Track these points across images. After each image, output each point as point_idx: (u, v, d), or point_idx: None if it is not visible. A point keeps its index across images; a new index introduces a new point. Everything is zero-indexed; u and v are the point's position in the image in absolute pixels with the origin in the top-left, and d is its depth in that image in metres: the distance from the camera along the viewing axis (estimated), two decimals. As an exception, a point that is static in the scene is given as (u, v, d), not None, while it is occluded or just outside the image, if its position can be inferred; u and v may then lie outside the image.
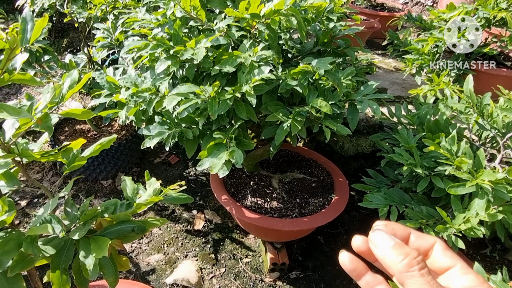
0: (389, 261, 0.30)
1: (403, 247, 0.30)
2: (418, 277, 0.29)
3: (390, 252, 0.30)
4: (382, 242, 0.31)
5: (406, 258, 0.29)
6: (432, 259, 0.33)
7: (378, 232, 0.32)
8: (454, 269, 0.31)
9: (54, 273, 0.66)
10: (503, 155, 1.21)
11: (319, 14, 1.23)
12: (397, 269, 0.30)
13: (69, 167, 0.72)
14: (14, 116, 0.55)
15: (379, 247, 0.31)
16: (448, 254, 0.32)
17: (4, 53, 0.53)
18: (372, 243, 0.32)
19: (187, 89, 1.01)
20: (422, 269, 0.29)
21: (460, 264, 0.31)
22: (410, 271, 0.29)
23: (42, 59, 1.77)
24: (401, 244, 0.31)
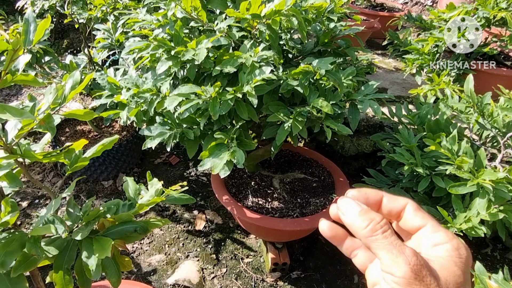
0: (355, 227, 0.32)
1: (368, 213, 0.32)
2: (381, 239, 0.30)
3: (356, 219, 0.31)
4: (349, 209, 0.33)
5: (371, 223, 0.31)
6: (404, 220, 0.34)
7: (346, 200, 0.33)
8: (425, 228, 0.32)
9: (57, 273, 0.66)
10: (503, 154, 1.22)
11: (319, 14, 1.23)
12: (363, 234, 0.31)
13: (71, 167, 0.72)
14: (17, 117, 0.56)
15: (346, 214, 0.33)
16: (419, 214, 0.33)
17: (5, 54, 0.53)
18: (340, 210, 0.33)
19: (188, 89, 1.01)
20: (385, 231, 0.30)
21: (430, 223, 0.32)
22: (374, 235, 0.30)
23: (43, 60, 1.77)
24: (366, 210, 0.32)
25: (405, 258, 0.28)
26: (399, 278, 0.28)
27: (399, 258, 0.28)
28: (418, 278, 0.28)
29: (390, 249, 0.29)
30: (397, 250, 0.29)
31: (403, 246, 0.29)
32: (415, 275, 0.28)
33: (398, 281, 0.28)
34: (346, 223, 0.33)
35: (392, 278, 0.29)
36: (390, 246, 0.29)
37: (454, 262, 0.30)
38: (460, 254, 0.30)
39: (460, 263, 0.30)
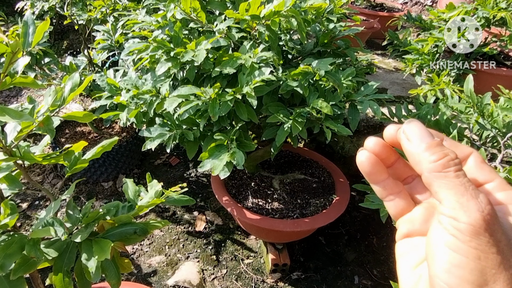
0: (421, 157, 0.26)
1: (441, 146, 0.26)
2: (452, 177, 0.25)
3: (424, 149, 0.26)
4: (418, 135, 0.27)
5: (443, 158, 0.25)
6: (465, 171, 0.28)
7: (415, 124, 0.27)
8: (491, 183, 0.27)
9: (57, 275, 0.66)
10: (503, 154, 1.21)
11: (319, 15, 1.23)
12: (428, 168, 0.25)
13: (71, 169, 0.72)
14: (16, 119, 0.56)
15: (413, 141, 0.27)
16: (486, 167, 0.28)
17: (5, 56, 0.53)
18: (405, 133, 0.27)
19: (188, 90, 1.01)
20: (458, 170, 0.25)
21: (499, 180, 0.27)
22: (444, 171, 0.25)
23: (43, 61, 1.77)
24: (439, 142, 0.26)
25: (478, 204, 0.23)
26: (466, 225, 0.23)
27: (471, 202, 0.23)
28: (489, 231, 0.23)
29: (461, 190, 0.24)
30: (470, 194, 0.24)
31: (477, 191, 0.24)
32: (486, 225, 0.23)
33: (463, 228, 0.23)
34: (409, 151, 0.27)
35: (455, 224, 0.24)
36: (461, 187, 0.24)
37: None
38: None
39: None
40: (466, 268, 0.23)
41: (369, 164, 0.29)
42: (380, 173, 0.30)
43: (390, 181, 0.30)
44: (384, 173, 0.30)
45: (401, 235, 0.31)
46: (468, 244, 0.23)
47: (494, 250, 0.23)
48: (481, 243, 0.23)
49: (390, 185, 0.30)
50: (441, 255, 0.24)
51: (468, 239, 0.23)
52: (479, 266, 0.23)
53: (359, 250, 1.62)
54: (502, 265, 0.23)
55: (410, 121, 0.28)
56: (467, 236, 0.23)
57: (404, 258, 0.30)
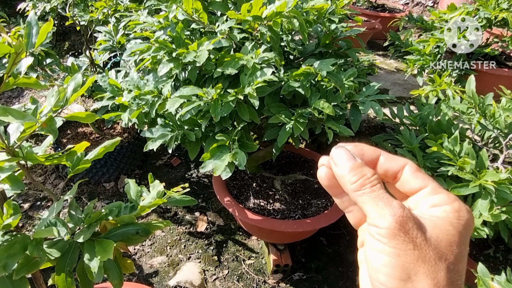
0: (344, 180, 0.30)
1: (360, 167, 0.30)
2: (368, 193, 0.28)
3: (346, 172, 0.30)
4: (342, 160, 0.30)
5: (361, 178, 0.29)
6: (402, 181, 0.31)
7: (341, 150, 0.31)
8: (425, 189, 0.30)
9: (59, 276, 0.66)
10: (506, 155, 1.21)
11: (320, 15, 1.23)
12: (350, 189, 0.29)
13: (74, 170, 0.72)
14: (19, 119, 0.56)
15: (338, 165, 0.30)
16: (419, 175, 0.30)
17: (7, 57, 0.53)
18: (332, 159, 0.31)
19: (189, 91, 1.01)
20: (374, 186, 0.28)
21: (432, 185, 0.30)
22: (361, 189, 0.29)
23: (44, 62, 1.77)
24: (359, 164, 0.30)
25: (391, 210, 0.27)
26: (383, 229, 0.26)
27: (385, 210, 0.27)
28: (403, 230, 0.26)
29: (376, 201, 0.28)
30: (383, 202, 0.27)
31: (391, 199, 0.28)
32: (399, 226, 0.26)
33: (382, 233, 0.27)
34: (336, 175, 0.31)
35: (376, 230, 0.27)
36: (376, 199, 0.28)
37: (450, 222, 0.28)
38: (460, 216, 0.28)
39: (458, 224, 0.28)
40: (390, 265, 0.26)
41: (326, 179, 0.33)
42: (337, 187, 0.33)
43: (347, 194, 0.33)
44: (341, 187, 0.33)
45: (360, 243, 0.34)
46: (388, 245, 0.26)
47: (410, 246, 0.26)
48: (398, 242, 0.26)
49: (347, 198, 0.33)
50: (372, 258, 0.28)
51: (388, 240, 0.26)
52: (400, 262, 0.26)
53: (361, 251, 1.61)
54: (420, 259, 0.26)
55: (337, 146, 0.31)
56: (386, 238, 0.26)
57: (363, 264, 0.32)
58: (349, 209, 0.34)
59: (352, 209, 0.34)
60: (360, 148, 0.32)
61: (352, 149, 0.31)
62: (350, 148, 0.32)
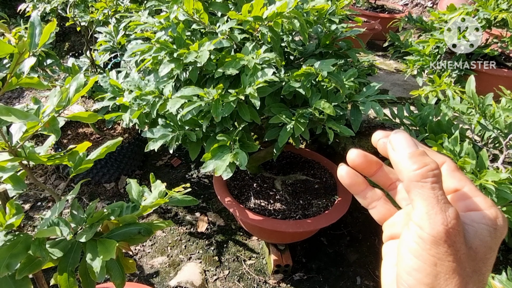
0: (402, 166, 0.28)
1: (423, 155, 0.28)
2: (428, 189, 0.26)
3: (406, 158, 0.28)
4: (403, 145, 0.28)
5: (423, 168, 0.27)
6: None
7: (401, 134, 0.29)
8: (462, 191, 0.29)
9: (62, 275, 0.66)
10: (506, 155, 1.22)
11: (321, 16, 1.23)
12: (408, 176, 0.27)
13: (76, 170, 0.72)
14: (22, 119, 0.56)
15: (397, 150, 0.28)
16: (457, 175, 0.29)
17: (7, 57, 0.53)
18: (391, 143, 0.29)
19: (191, 91, 1.02)
20: (436, 183, 0.26)
21: (469, 186, 0.29)
22: (422, 182, 0.26)
23: (45, 63, 1.77)
24: (422, 152, 0.28)
25: (444, 219, 0.25)
26: (428, 235, 0.25)
27: (438, 216, 0.25)
28: (449, 242, 0.25)
29: (432, 203, 0.26)
30: (439, 207, 0.25)
31: (448, 205, 0.26)
32: (446, 237, 0.25)
33: (425, 237, 0.25)
34: (394, 160, 0.29)
35: (419, 233, 0.26)
36: (434, 199, 0.26)
37: (489, 231, 0.26)
38: (497, 225, 0.27)
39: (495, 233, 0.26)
40: (423, 272, 0.26)
41: (348, 178, 0.33)
42: (359, 185, 0.33)
43: (369, 191, 0.33)
44: (362, 184, 0.33)
45: (386, 237, 0.33)
46: (427, 252, 0.25)
47: (450, 258, 0.25)
48: (439, 252, 0.25)
49: (370, 194, 0.33)
50: (405, 258, 0.27)
51: (428, 247, 0.25)
52: (434, 272, 0.25)
53: (361, 251, 1.62)
54: (456, 272, 0.25)
55: (397, 131, 0.30)
56: (427, 245, 0.25)
57: (387, 257, 0.32)
58: (372, 205, 0.34)
59: (375, 205, 0.33)
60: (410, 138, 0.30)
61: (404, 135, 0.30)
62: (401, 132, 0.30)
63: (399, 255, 0.28)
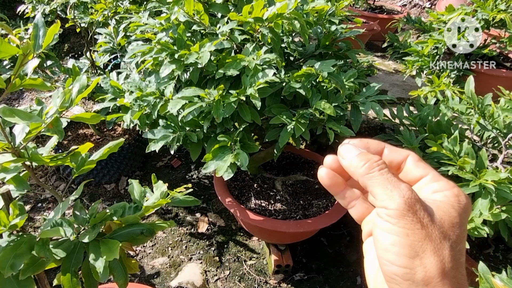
0: (353, 167, 0.32)
1: (366, 154, 0.32)
2: (377, 176, 0.30)
3: (354, 160, 0.32)
4: (349, 152, 0.33)
5: (368, 162, 0.31)
6: (404, 172, 0.33)
7: (346, 146, 0.33)
8: (427, 177, 0.32)
9: (65, 276, 0.66)
10: (505, 155, 1.22)
11: (321, 17, 1.24)
12: (359, 173, 0.31)
13: (78, 170, 0.73)
14: (26, 120, 0.56)
15: (345, 158, 0.33)
16: (421, 165, 0.33)
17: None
18: (340, 155, 0.33)
19: (192, 92, 1.02)
20: (382, 169, 0.30)
21: (432, 173, 0.32)
22: (370, 172, 0.30)
23: (45, 64, 1.77)
24: (365, 152, 0.32)
25: (400, 192, 0.28)
26: (393, 210, 0.28)
27: (394, 192, 0.29)
28: (411, 211, 0.28)
29: (385, 184, 0.29)
30: (392, 185, 0.29)
31: (399, 182, 0.29)
32: (408, 207, 0.28)
33: (391, 213, 0.28)
34: (345, 166, 0.33)
35: (385, 212, 0.29)
36: (385, 181, 0.29)
37: (452, 205, 0.30)
38: (459, 201, 0.30)
39: (458, 207, 0.30)
40: (399, 244, 0.28)
41: (327, 179, 0.35)
42: (338, 185, 0.35)
43: (348, 191, 0.36)
44: (341, 185, 0.35)
45: (365, 235, 0.36)
46: (397, 225, 0.28)
47: (418, 226, 0.28)
48: (406, 222, 0.28)
49: (349, 194, 0.36)
50: (381, 238, 0.29)
51: (397, 221, 0.28)
52: (408, 241, 0.28)
53: (361, 251, 1.61)
54: (427, 238, 0.28)
55: (343, 144, 0.34)
56: (395, 219, 0.28)
57: (368, 253, 0.35)
58: (351, 204, 0.36)
59: (354, 204, 0.36)
60: (366, 142, 0.34)
61: (358, 143, 0.34)
62: (356, 142, 0.34)
63: (375, 240, 0.30)
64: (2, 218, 0.60)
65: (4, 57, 0.49)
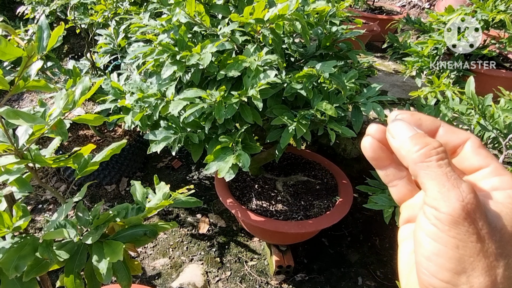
0: (404, 150, 0.26)
1: (423, 137, 0.26)
2: (434, 167, 0.24)
3: (407, 142, 0.26)
4: (401, 132, 0.27)
5: (424, 147, 0.25)
6: (460, 157, 0.28)
7: (399, 122, 0.28)
8: (486, 169, 0.27)
9: (68, 277, 0.66)
10: (505, 155, 1.23)
11: (321, 18, 1.24)
12: (412, 159, 0.26)
13: (81, 172, 0.73)
14: (30, 122, 0.56)
15: (396, 137, 0.27)
16: (482, 152, 0.27)
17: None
18: (389, 132, 0.28)
19: (193, 93, 1.02)
20: (441, 160, 0.25)
21: (494, 165, 0.26)
22: (426, 161, 0.25)
23: (45, 65, 1.77)
24: (422, 134, 0.27)
25: (459, 194, 0.23)
26: (445, 215, 0.23)
27: (451, 192, 0.23)
28: (469, 220, 0.23)
29: (442, 180, 0.24)
30: (451, 184, 0.23)
31: (460, 181, 0.24)
32: (465, 214, 0.23)
33: (442, 218, 0.23)
34: (395, 147, 0.27)
35: (435, 214, 0.24)
36: (443, 177, 0.24)
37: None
38: None
39: None
40: (445, 256, 0.23)
41: (371, 150, 0.30)
42: (382, 159, 0.30)
43: (393, 167, 0.30)
44: (387, 160, 0.30)
45: (403, 220, 0.31)
46: (447, 234, 0.23)
47: (473, 238, 0.23)
48: (459, 232, 0.23)
49: (393, 172, 0.30)
50: (423, 244, 0.25)
51: (447, 228, 0.23)
52: (457, 255, 0.23)
53: (362, 252, 1.62)
54: (481, 253, 0.23)
55: (394, 119, 0.28)
56: (446, 226, 0.23)
57: (404, 244, 0.30)
58: (393, 183, 0.31)
59: (396, 183, 0.31)
60: (418, 118, 0.29)
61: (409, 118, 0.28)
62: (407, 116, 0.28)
63: (416, 241, 0.25)
64: (6, 220, 0.60)
65: (9, 59, 0.49)
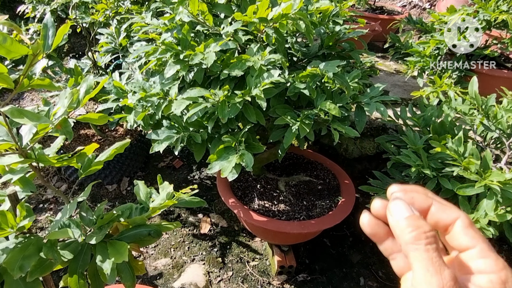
0: (399, 229, 0.29)
1: (417, 219, 0.29)
2: (422, 251, 0.27)
3: (402, 222, 0.29)
4: (398, 211, 0.30)
5: (416, 230, 0.28)
6: (451, 236, 0.30)
7: (398, 202, 0.30)
8: (473, 250, 0.29)
9: (72, 277, 0.66)
10: (509, 155, 1.22)
11: (325, 17, 1.24)
12: (404, 239, 0.28)
13: (85, 172, 0.72)
14: (35, 121, 0.56)
15: (394, 216, 0.30)
16: (470, 233, 0.29)
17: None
18: (389, 210, 0.31)
19: (197, 93, 1.02)
20: (429, 244, 0.27)
21: (480, 246, 0.28)
22: (415, 244, 0.27)
23: (46, 64, 1.77)
24: (416, 217, 0.29)
25: (440, 280, 0.26)
26: None
27: (434, 278, 0.26)
28: None
29: (427, 265, 0.26)
30: (434, 269, 0.26)
31: (443, 267, 0.26)
32: None
33: None
34: (391, 224, 0.30)
35: None
36: (428, 261, 0.26)
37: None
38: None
39: None
40: None
41: (369, 227, 0.32)
42: (380, 235, 0.33)
43: (390, 242, 0.33)
44: (384, 235, 0.33)
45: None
46: None
47: None
48: None
49: (390, 245, 0.33)
50: None
51: None
52: None
53: (364, 252, 1.62)
54: None
55: (394, 198, 0.31)
56: None
57: None
58: (392, 257, 0.33)
59: (395, 257, 0.33)
60: (411, 197, 0.31)
61: (403, 197, 0.31)
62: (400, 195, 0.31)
63: None
64: (10, 220, 0.60)
65: (14, 57, 0.49)
